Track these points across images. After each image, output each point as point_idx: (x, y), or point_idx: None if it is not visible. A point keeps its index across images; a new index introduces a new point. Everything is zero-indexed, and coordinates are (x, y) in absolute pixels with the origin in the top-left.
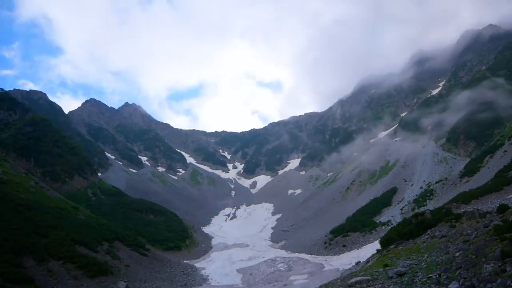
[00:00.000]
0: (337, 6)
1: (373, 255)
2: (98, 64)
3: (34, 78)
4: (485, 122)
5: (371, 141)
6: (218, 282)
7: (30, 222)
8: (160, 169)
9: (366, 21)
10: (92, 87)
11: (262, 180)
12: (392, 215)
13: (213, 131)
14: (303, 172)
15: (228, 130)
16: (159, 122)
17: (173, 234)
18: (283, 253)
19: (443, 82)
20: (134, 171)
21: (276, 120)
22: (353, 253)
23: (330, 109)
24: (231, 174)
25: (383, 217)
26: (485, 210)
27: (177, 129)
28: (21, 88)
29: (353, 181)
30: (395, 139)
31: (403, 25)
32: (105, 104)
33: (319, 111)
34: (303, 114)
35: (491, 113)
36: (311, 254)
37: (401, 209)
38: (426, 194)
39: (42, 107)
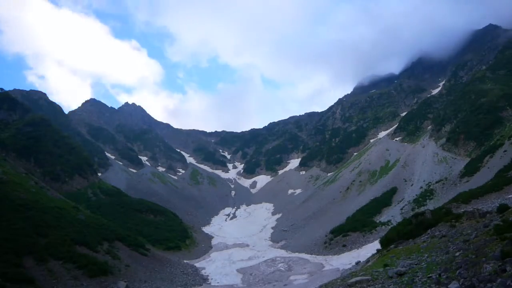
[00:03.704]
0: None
1: (373, 255)
2: None
3: None
4: (485, 122)
5: (371, 141)
6: (218, 282)
7: (30, 222)
8: (160, 169)
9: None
10: None
11: (262, 180)
12: (392, 215)
13: (213, 131)
14: (303, 172)
15: (228, 130)
16: (159, 122)
17: (173, 234)
18: (283, 253)
19: (443, 82)
20: (134, 171)
21: (276, 120)
22: (353, 253)
23: (330, 109)
24: (231, 174)
25: (383, 217)
26: (485, 210)
27: (177, 129)
28: (21, 88)
29: (353, 181)
30: (395, 139)
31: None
32: (105, 104)
33: (319, 110)
34: (303, 113)
35: (491, 113)
36: (311, 254)
37: (401, 209)
38: (426, 194)
39: (42, 107)
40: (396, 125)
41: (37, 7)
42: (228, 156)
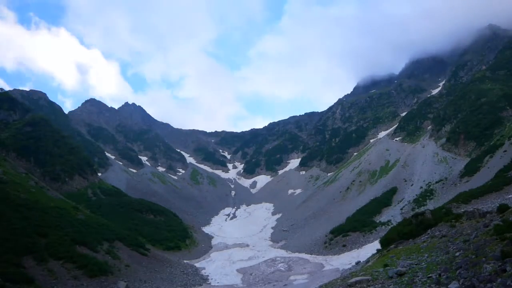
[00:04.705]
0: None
1: (373, 255)
2: None
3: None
4: (485, 122)
5: (371, 141)
6: (218, 282)
7: (30, 222)
8: (160, 169)
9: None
10: None
11: (262, 180)
12: (392, 215)
13: (213, 131)
14: (303, 172)
15: (228, 130)
16: (159, 122)
17: (173, 234)
18: (283, 253)
19: (443, 82)
20: (134, 171)
21: (276, 120)
22: (353, 253)
23: (330, 109)
24: (231, 174)
25: (383, 217)
26: (485, 210)
27: (177, 129)
28: (21, 88)
29: (353, 181)
30: (395, 139)
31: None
32: (105, 104)
33: (319, 111)
34: (303, 114)
35: (491, 113)
36: (311, 254)
37: (401, 209)
38: (426, 194)
39: (42, 107)
40: (396, 125)
41: None
42: (228, 156)
